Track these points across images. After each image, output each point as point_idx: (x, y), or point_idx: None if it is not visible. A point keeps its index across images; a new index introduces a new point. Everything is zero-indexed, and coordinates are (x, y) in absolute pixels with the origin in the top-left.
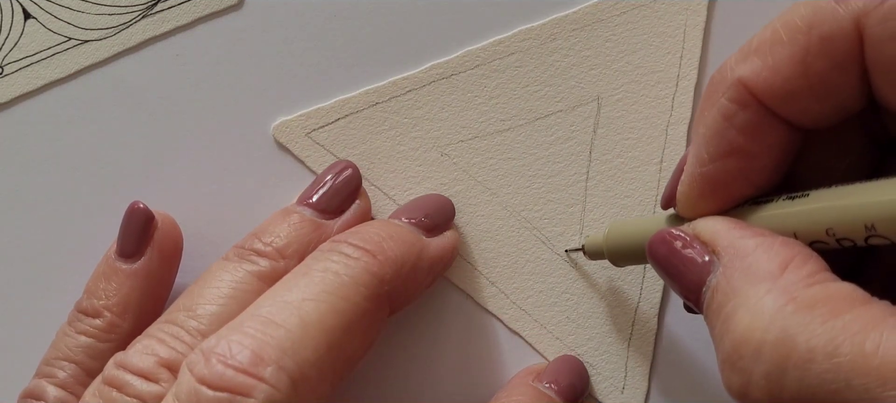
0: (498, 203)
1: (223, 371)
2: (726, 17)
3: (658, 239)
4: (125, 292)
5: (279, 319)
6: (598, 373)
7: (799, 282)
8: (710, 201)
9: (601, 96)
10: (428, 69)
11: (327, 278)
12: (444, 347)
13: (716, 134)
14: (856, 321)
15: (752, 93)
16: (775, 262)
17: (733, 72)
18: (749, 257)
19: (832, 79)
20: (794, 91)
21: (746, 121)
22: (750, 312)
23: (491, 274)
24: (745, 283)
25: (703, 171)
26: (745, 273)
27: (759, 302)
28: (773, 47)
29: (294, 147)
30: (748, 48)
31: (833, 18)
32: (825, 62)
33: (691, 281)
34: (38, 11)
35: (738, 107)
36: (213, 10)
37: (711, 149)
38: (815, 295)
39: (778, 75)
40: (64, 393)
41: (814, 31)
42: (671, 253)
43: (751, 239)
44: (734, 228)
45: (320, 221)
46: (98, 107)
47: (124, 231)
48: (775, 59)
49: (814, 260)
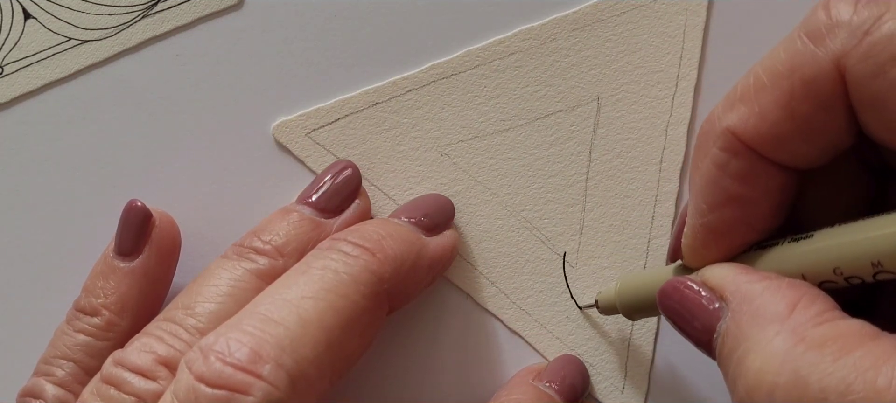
0: (498, 203)
1: (222, 368)
2: (726, 17)
3: (668, 289)
4: (123, 290)
5: (278, 317)
6: (598, 373)
7: (808, 322)
8: (715, 250)
9: (601, 96)
10: (428, 69)
11: (326, 276)
12: (444, 347)
13: (711, 184)
14: (866, 357)
15: (741, 140)
16: (783, 304)
17: (721, 121)
18: (756, 300)
19: (819, 120)
20: (782, 135)
21: (739, 168)
22: (760, 355)
23: (491, 274)
24: (754, 327)
25: (704, 222)
26: (754, 316)
27: (770, 345)
28: (758, 94)
29: (294, 147)
30: (733, 96)
31: (813, 61)
32: (810, 104)
33: (702, 329)
34: (38, 11)
35: (730, 156)
36: (213, 10)
37: (709, 199)
38: (824, 333)
39: (765, 121)
40: (62, 392)
41: (796, 75)
42: (681, 301)
43: (758, 283)
44: (741, 273)
45: (320, 220)
46: (98, 107)
47: (122, 229)
48: (761, 106)
49: (822, 300)
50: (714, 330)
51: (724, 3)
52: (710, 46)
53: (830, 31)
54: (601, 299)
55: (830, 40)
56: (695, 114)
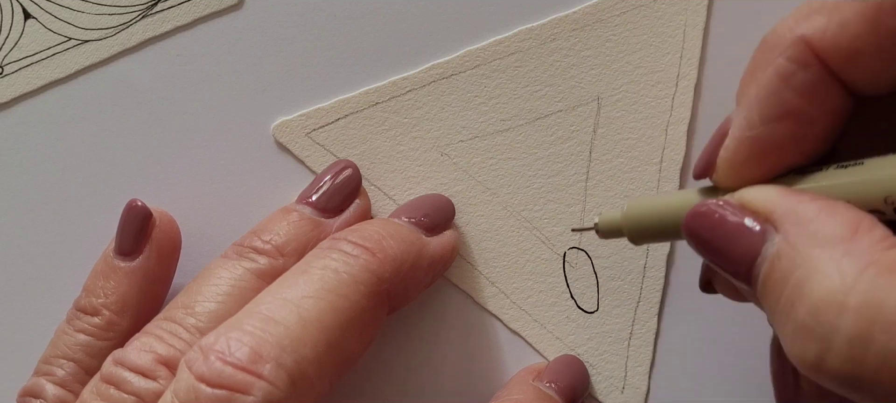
0: (498, 203)
1: (222, 368)
2: (726, 17)
3: (699, 212)
4: (123, 290)
5: (278, 316)
6: (598, 373)
7: (875, 245)
8: (756, 168)
9: (601, 96)
10: (428, 69)
11: (326, 275)
12: (444, 347)
13: (771, 94)
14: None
15: (815, 51)
16: (844, 226)
17: (793, 30)
18: (813, 223)
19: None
20: (862, 50)
21: (805, 82)
22: (827, 276)
23: (491, 274)
24: (815, 248)
25: (753, 135)
26: (812, 237)
27: (838, 265)
28: (840, 4)
29: (294, 147)
30: (809, 7)
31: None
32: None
33: (742, 255)
34: (38, 11)
35: (798, 67)
36: (213, 10)
37: (765, 110)
38: (894, 256)
39: (846, 32)
40: (63, 391)
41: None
42: (717, 224)
43: (811, 204)
44: (789, 194)
45: (320, 220)
46: (98, 107)
47: (122, 229)
48: (842, 16)
49: (880, 226)
50: (756, 255)
51: (724, 3)
52: (710, 46)
53: None
54: (602, 220)
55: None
56: (695, 114)
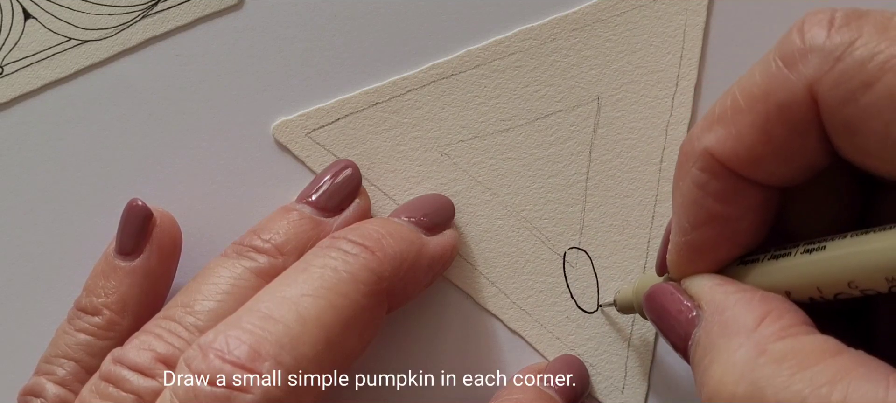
0: (498, 203)
1: (221, 366)
2: (726, 17)
3: (652, 293)
4: (124, 290)
5: (277, 315)
6: (598, 373)
7: (772, 336)
8: (699, 265)
9: (601, 96)
10: (428, 69)
11: (326, 274)
12: (444, 347)
13: (692, 203)
14: (824, 373)
15: (719, 161)
16: (752, 316)
17: (700, 142)
18: (727, 312)
19: (794, 143)
20: (759, 157)
21: (719, 188)
22: (722, 366)
23: (491, 274)
24: (722, 337)
25: (687, 240)
26: (723, 327)
27: (732, 356)
28: (735, 116)
29: (294, 147)
30: (712, 117)
31: (786, 86)
32: (784, 128)
33: (680, 334)
34: (38, 11)
35: (710, 176)
36: (213, 10)
37: (690, 218)
38: (785, 348)
39: (741, 143)
40: (63, 391)
41: (770, 99)
42: (663, 305)
43: (732, 295)
44: (719, 284)
45: (320, 219)
46: (98, 107)
47: (123, 228)
48: (738, 128)
49: (791, 314)
50: (690, 337)
51: (724, 3)
52: (710, 46)
53: (803, 55)
54: (620, 298)
55: (803, 65)
56: (695, 114)
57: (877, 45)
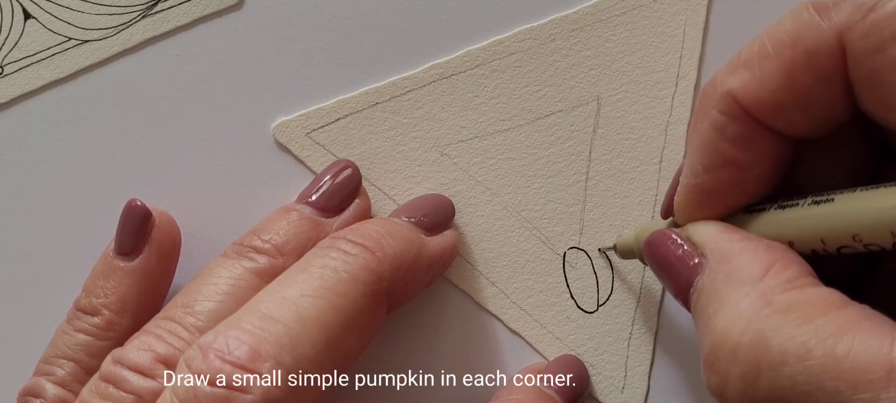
0: (498, 203)
1: (221, 366)
2: (726, 17)
3: (653, 240)
4: (123, 290)
5: (277, 315)
6: (598, 373)
7: (778, 287)
8: (707, 210)
9: (601, 96)
10: (428, 69)
11: (326, 274)
12: (444, 347)
13: (708, 145)
14: (829, 325)
15: (741, 105)
16: (757, 266)
17: (723, 84)
18: (733, 261)
19: (818, 93)
20: (781, 103)
21: (737, 132)
22: (728, 315)
23: (491, 274)
24: (727, 286)
25: (697, 182)
26: (728, 276)
27: (738, 305)
28: (761, 61)
29: (294, 147)
30: (737, 61)
31: (817, 33)
32: (810, 76)
33: (681, 282)
34: (38, 11)
35: (729, 119)
36: (213, 10)
37: (705, 160)
38: (790, 299)
39: (765, 88)
40: (63, 391)
41: (799, 46)
42: (664, 252)
43: (737, 243)
44: (723, 232)
45: (320, 219)
46: (98, 107)
47: (122, 228)
48: (763, 73)
49: (796, 265)
50: (691, 285)
51: (724, 3)
52: (710, 46)
53: (836, 4)
54: (620, 243)
55: (835, 14)
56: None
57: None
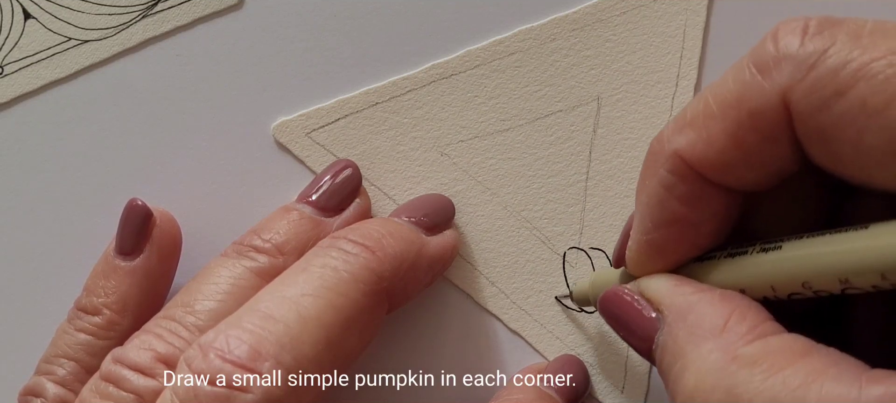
0: (498, 203)
1: (221, 365)
2: (726, 17)
3: (607, 298)
4: (124, 289)
5: (277, 314)
6: (598, 373)
7: (740, 339)
8: (659, 263)
9: (601, 96)
10: (428, 69)
11: (326, 274)
12: (444, 347)
13: (657, 203)
14: (796, 375)
15: (688, 164)
16: (717, 318)
17: (670, 143)
18: (691, 314)
19: (765, 151)
20: (728, 163)
21: (685, 191)
22: (695, 373)
23: (491, 274)
24: (690, 342)
25: (648, 239)
26: (689, 331)
27: (704, 362)
28: (706, 120)
29: (294, 147)
30: (683, 119)
31: (759, 93)
32: (756, 135)
33: (641, 337)
34: (38, 11)
35: (677, 179)
36: (213, 10)
37: (654, 217)
38: (755, 351)
39: (711, 148)
40: (63, 391)
41: (743, 106)
42: (620, 309)
43: (692, 296)
44: (677, 285)
45: (320, 219)
46: (98, 107)
47: (123, 228)
48: (709, 133)
49: (753, 312)
50: (653, 341)
51: (724, 3)
52: (710, 46)
53: (777, 63)
54: (576, 291)
55: (777, 73)
56: None
57: (849, 52)
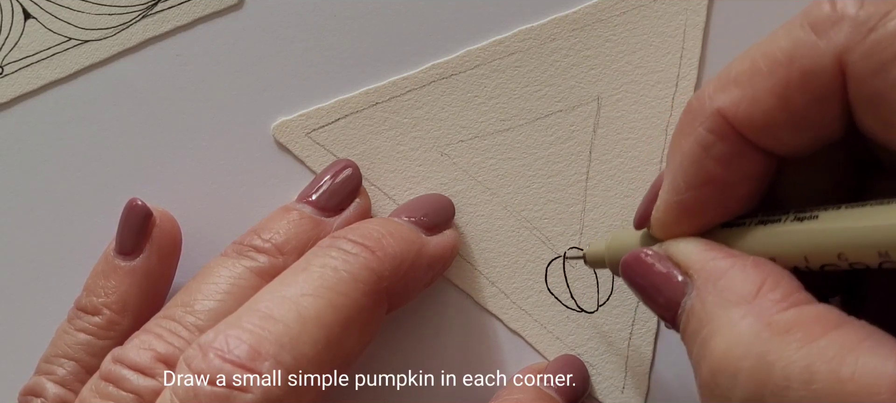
0: (498, 203)
1: (221, 365)
2: (726, 17)
3: (632, 259)
4: (124, 289)
5: (277, 314)
6: (598, 373)
7: (773, 306)
8: (686, 226)
9: (601, 96)
10: (428, 69)
11: (326, 273)
12: (444, 347)
13: (693, 163)
14: (831, 345)
15: (730, 124)
16: (749, 285)
17: (712, 101)
18: (722, 279)
19: (813, 113)
20: (773, 123)
21: (724, 151)
22: (725, 338)
23: (491, 274)
24: (720, 307)
25: (679, 200)
26: (720, 296)
27: (735, 328)
28: (753, 78)
29: (294, 147)
30: (727, 77)
31: (814, 53)
32: (806, 96)
33: (667, 302)
34: (38, 11)
35: (717, 138)
36: (213, 10)
37: (688, 177)
38: (790, 319)
39: (757, 107)
40: (63, 390)
41: (795, 65)
42: (646, 272)
43: (723, 261)
44: (707, 249)
45: (320, 219)
46: (98, 107)
47: (122, 228)
48: (755, 91)
49: (787, 280)
50: (678, 304)
51: (724, 3)
52: (710, 46)
53: (835, 23)
54: (589, 252)
55: (834, 33)
56: None
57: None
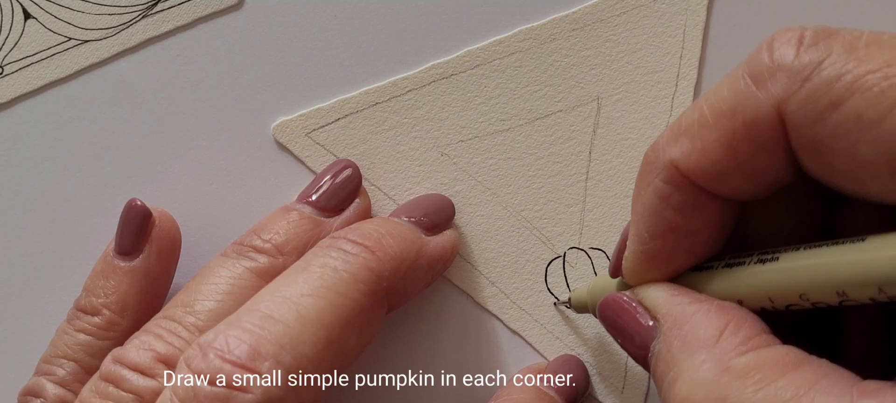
0: (498, 203)
1: (221, 365)
2: (726, 17)
3: (607, 303)
4: (123, 290)
5: (277, 314)
6: (598, 373)
7: (733, 349)
8: (655, 273)
9: (601, 96)
10: (428, 69)
11: (326, 274)
12: (444, 347)
13: (653, 213)
14: (787, 387)
15: (683, 174)
16: (712, 329)
17: (665, 153)
18: (687, 324)
19: (760, 161)
20: (723, 173)
21: (681, 201)
22: (687, 382)
23: (491, 274)
24: (683, 352)
25: (644, 249)
26: (683, 341)
27: (697, 372)
28: (701, 130)
29: (294, 147)
30: (678, 129)
31: (755, 104)
32: (751, 146)
33: (638, 345)
34: (38, 11)
35: (673, 189)
36: (213, 10)
37: (650, 228)
38: (747, 362)
39: (707, 158)
40: (63, 391)
41: (738, 116)
42: (618, 316)
43: (689, 306)
44: (674, 295)
45: (320, 219)
46: (98, 107)
47: (122, 228)
48: (703, 142)
49: (749, 324)
50: (648, 348)
51: (724, 3)
52: (710, 46)
53: (772, 74)
54: (574, 297)
55: (772, 84)
56: None
57: (845, 64)
